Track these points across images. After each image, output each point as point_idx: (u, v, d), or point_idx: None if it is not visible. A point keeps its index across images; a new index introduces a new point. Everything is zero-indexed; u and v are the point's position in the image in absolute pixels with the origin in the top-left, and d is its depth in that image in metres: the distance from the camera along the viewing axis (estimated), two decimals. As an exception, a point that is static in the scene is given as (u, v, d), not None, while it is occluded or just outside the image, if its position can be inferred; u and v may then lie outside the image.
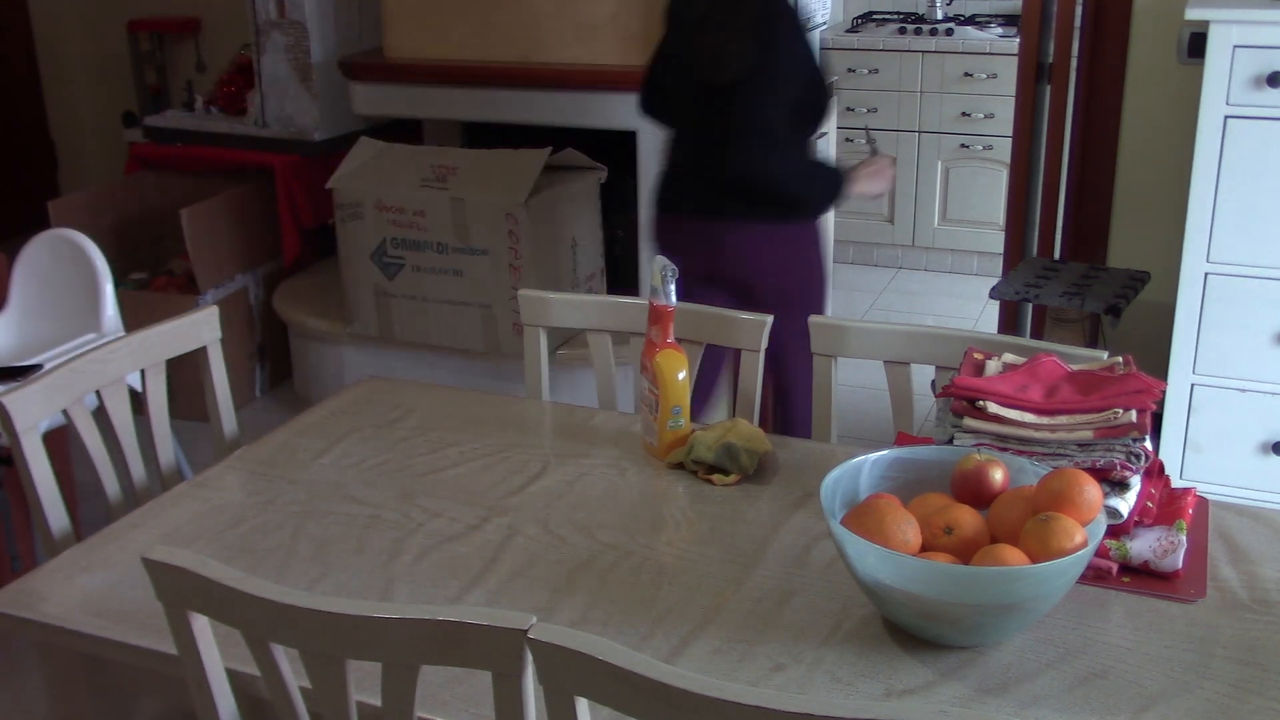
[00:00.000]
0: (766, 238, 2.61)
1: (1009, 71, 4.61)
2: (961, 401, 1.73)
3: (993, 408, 1.69)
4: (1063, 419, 1.68)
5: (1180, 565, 1.57)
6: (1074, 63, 3.26)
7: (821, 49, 4.26)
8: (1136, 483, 1.62)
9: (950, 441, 1.71)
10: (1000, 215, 4.80)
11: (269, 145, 4.18)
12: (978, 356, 1.84)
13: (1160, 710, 1.33)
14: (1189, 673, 1.39)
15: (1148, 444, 1.62)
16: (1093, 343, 3.19)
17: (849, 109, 5.05)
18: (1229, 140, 2.56)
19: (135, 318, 2.96)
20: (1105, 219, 3.18)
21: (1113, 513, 1.57)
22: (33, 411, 1.84)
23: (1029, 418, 1.69)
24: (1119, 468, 1.59)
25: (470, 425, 2.07)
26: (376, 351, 3.76)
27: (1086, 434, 1.64)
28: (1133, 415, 1.63)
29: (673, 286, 1.89)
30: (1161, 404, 2.74)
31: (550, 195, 3.43)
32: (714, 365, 2.69)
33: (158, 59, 5.22)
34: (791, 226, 2.65)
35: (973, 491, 1.56)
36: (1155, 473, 1.71)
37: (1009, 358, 1.82)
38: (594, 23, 3.59)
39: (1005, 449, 1.65)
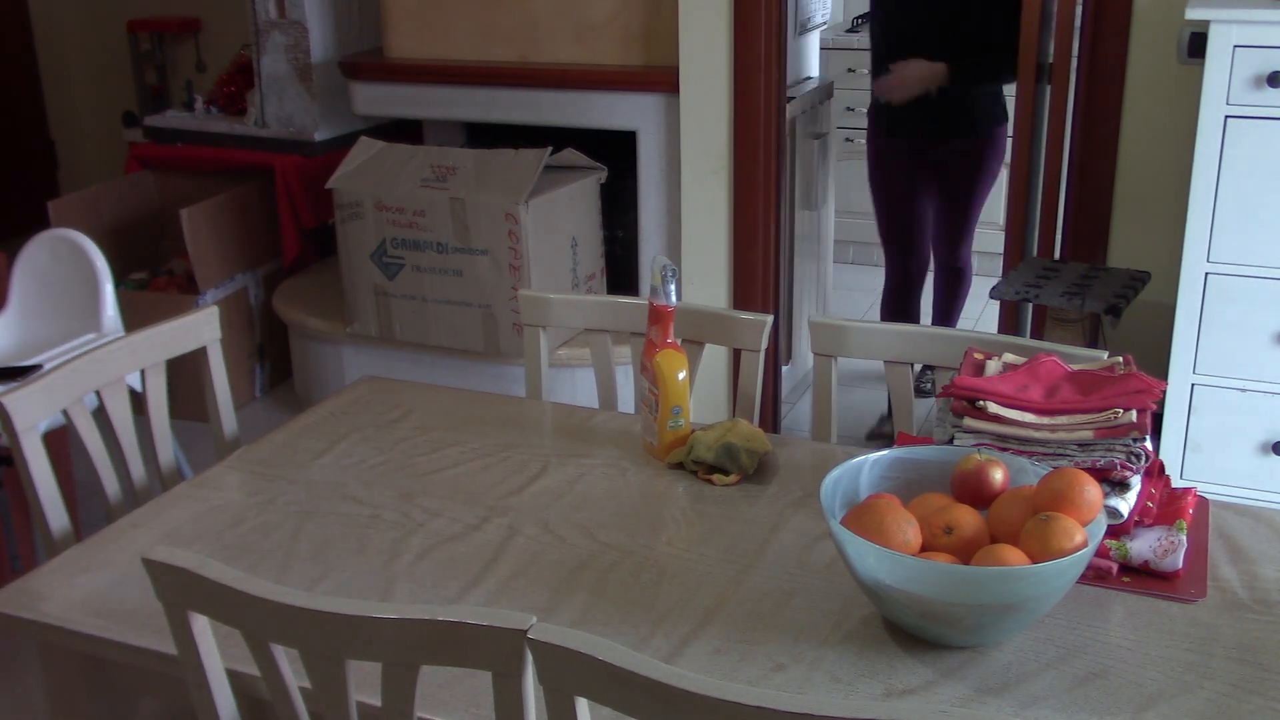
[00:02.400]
0: None
1: (1009, 71, 4.60)
2: (961, 401, 1.73)
3: (993, 408, 1.69)
4: (1063, 419, 1.68)
5: (1180, 565, 1.57)
6: (1074, 63, 3.26)
7: (821, 49, 4.26)
8: (1137, 483, 1.62)
9: (950, 441, 1.71)
10: (1000, 215, 4.79)
11: (269, 145, 4.18)
12: (978, 356, 1.84)
13: (1160, 710, 1.33)
14: (1189, 673, 1.39)
15: (1148, 444, 1.62)
16: (1093, 343, 3.19)
17: (849, 109, 5.05)
18: (1229, 140, 2.56)
19: (135, 318, 2.96)
20: (1105, 219, 3.18)
21: (1113, 513, 1.57)
22: (33, 411, 1.84)
23: (1029, 418, 1.69)
24: (1119, 468, 1.59)
25: (470, 425, 2.07)
26: (376, 351, 3.76)
27: (1087, 434, 1.64)
28: (1133, 415, 1.63)
29: (673, 286, 1.89)
30: (1161, 404, 2.74)
31: (550, 195, 3.43)
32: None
33: (158, 59, 5.22)
34: None
35: (973, 491, 1.55)
36: (1155, 473, 1.71)
37: (1009, 358, 1.82)
38: (594, 23, 3.59)
39: (1005, 449, 1.65)
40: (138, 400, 2.05)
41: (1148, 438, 1.63)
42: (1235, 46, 2.51)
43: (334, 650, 1.25)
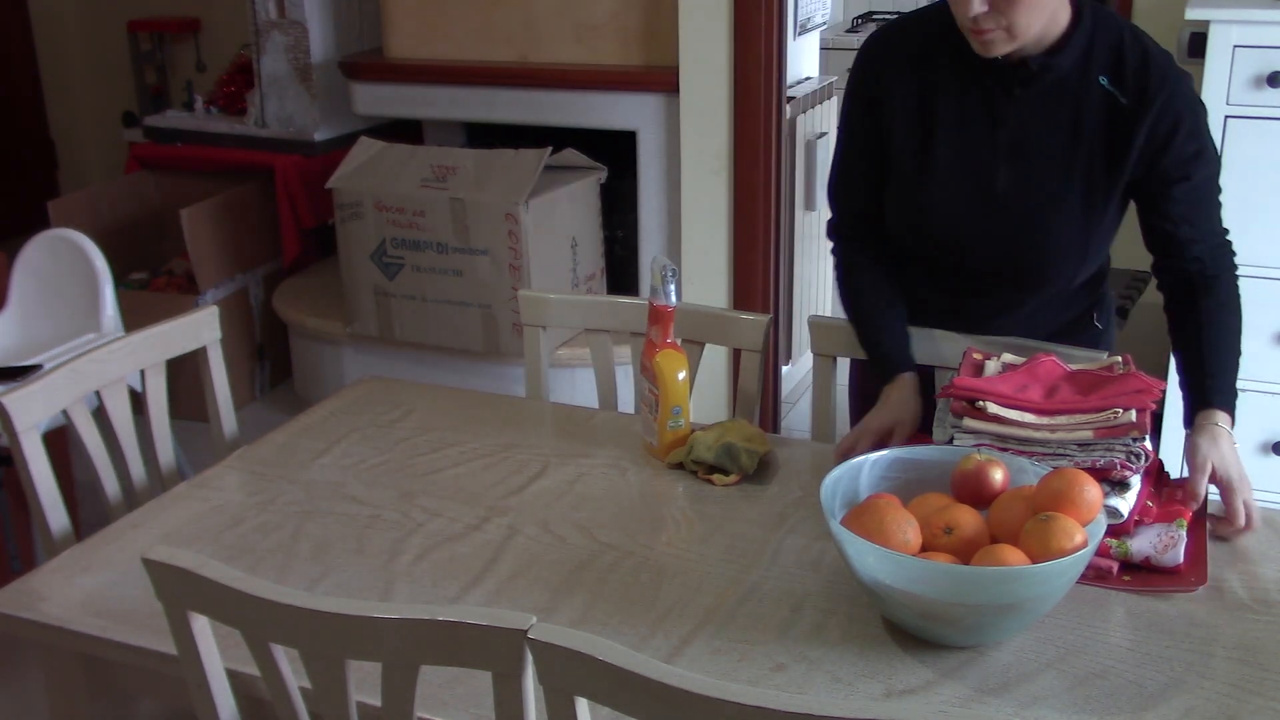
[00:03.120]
0: None
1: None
2: (961, 402, 1.73)
3: (992, 408, 1.69)
4: (1062, 419, 1.68)
5: (1181, 560, 1.57)
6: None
7: (821, 49, 4.26)
8: (1137, 482, 1.62)
9: (950, 442, 1.70)
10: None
11: (269, 145, 4.17)
12: (977, 357, 1.84)
13: (1160, 710, 1.33)
14: (1189, 673, 1.39)
15: (1148, 444, 1.62)
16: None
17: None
18: (1229, 140, 2.56)
19: (135, 318, 2.96)
20: (1105, 219, 3.18)
21: (1113, 512, 1.57)
22: (33, 411, 1.84)
23: (1029, 418, 1.68)
24: (1119, 467, 1.59)
25: (470, 425, 2.07)
26: (376, 351, 3.76)
27: (1086, 434, 1.64)
28: (1132, 415, 1.63)
29: (673, 286, 1.89)
30: (1161, 404, 2.74)
31: (550, 195, 3.43)
32: None
33: (158, 59, 5.22)
34: None
35: (973, 491, 1.55)
36: (1155, 472, 1.71)
37: (1008, 358, 1.82)
38: (594, 23, 3.59)
39: (1005, 449, 1.65)
40: (138, 400, 2.05)
41: (1147, 437, 1.63)
42: (1235, 46, 2.51)
43: (334, 650, 1.25)
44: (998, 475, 1.56)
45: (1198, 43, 2.64)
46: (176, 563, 1.30)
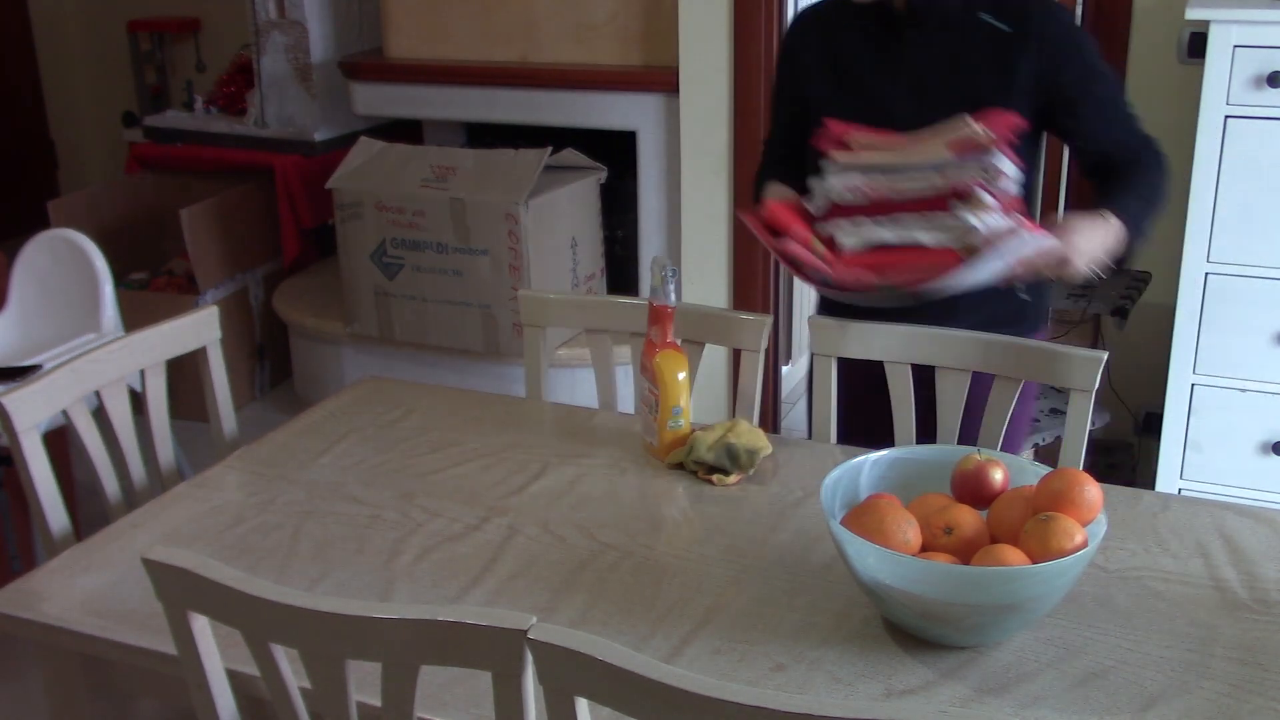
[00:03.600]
0: None
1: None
2: (832, 145, 1.84)
3: (859, 139, 1.79)
4: (923, 141, 1.76)
5: (1042, 235, 1.65)
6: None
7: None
8: (992, 201, 1.65)
9: (823, 180, 1.82)
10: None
11: (269, 145, 4.18)
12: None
13: (1160, 710, 1.33)
14: (1189, 673, 1.39)
15: (1005, 165, 1.66)
16: (1094, 344, 3.19)
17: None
18: (1229, 140, 2.56)
19: (135, 318, 2.96)
20: (1105, 219, 3.18)
21: (969, 230, 1.60)
22: (33, 411, 1.84)
23: (891, 143, 1.78)
24: (975, 187, 1.62)
25: (470, 425, 2.07)
26: (376, 351, 3.76)
27: (942, 152, 1.68)
28: (987, 131, 1.70)
29: (672, 286, 1.89)
30: (1162, 405, 2.74)
31: (550, 195, 3.43)
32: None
33: (158, 59, 5.22)
34: None
35: (973, 491, 1.56)
36: (1019, 212, 1.76)
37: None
38: (594, 23, 3.59)
39: (874, 187, 1.74)
40: (138, 400, 2.05)
41: (1003, 156, 1.66)
42: (1235, 46, 2.51)
43: (334, 650, 1.25)
44: (998, 475, 1.56)
45: (1198, 43, 2.63)
46: (176, 563, 1.30)
